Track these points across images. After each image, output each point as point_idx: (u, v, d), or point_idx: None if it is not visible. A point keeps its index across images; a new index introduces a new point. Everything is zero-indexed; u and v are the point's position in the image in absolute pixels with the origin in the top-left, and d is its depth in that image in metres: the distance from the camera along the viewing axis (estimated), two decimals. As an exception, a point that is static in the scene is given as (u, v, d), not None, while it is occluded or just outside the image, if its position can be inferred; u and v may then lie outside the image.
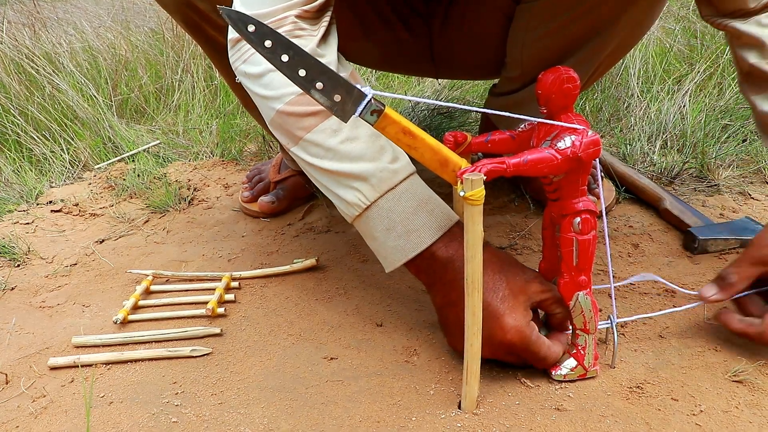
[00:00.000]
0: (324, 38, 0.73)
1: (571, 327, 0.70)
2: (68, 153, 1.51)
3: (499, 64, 1.08)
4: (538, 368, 0.71)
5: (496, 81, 1.17)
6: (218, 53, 1.00)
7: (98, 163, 1.49)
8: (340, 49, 1.10)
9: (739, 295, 0.74)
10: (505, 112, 1.11)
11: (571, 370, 0.69)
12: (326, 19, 0.73)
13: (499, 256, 0.71)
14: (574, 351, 0.69)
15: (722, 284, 0.73)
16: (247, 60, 0.73)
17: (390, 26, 1.05)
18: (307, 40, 0.71)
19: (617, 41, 0.94)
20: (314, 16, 0.72)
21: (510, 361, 0.70)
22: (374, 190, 0.69)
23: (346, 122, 0.61)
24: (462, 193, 0.56)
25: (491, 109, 1.18)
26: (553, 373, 0.70)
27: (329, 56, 0.72)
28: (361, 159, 0.68)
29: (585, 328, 0.68)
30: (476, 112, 1.38)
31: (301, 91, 0.65)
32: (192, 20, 0.91)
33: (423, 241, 0.69)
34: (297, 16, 0.70)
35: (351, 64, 0.66)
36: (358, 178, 0.69)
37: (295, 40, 0.64)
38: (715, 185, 1.18)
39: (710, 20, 0.80)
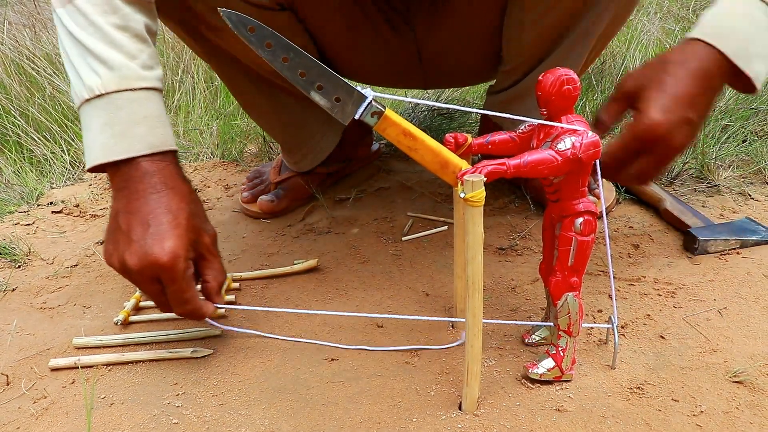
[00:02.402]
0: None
1: (554, 327, 0.70)
2: (69, 154, 1.51)
3: (493, 60, 1.07)
4: (177, 311, 0.71)
5: (490, 83, 1.16)
6: (215, 56, 1.00)
7: (99, 164, 1.49)
8: (334, 59, 1.07)
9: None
10: (508, 107, 1.11)
11: (548, 370, 0.69)
12: None
13: (197, 201, 0.74)
14: (554, 352, 0.69)
15: (598, 124, 0.73)
16: None
17: (376, 28, 1.04)
18: None
19: (611, 12, 0.94)
20: None
21: (150, 292, 0.69)
22: (114, 83, 0.68)
23: (346, 124, 0.61)
24: (462, 195, 0.56)
25: (491, 110, 1.17)
26: (529, 371, 0.70)
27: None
28: (118, 49, 0.68)
29: (569, 330, 0.68)
30: (476, 113, 1.39)
31: None
32: (188, 23, 0.91)
33: (132, 149, 0.68)
34: None
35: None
36: (105, 64, 0.68)
37: None
38: (715, 186, 1.18)
39: None
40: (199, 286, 0.74)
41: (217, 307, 0.75)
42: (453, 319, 0.82)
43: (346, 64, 1.08)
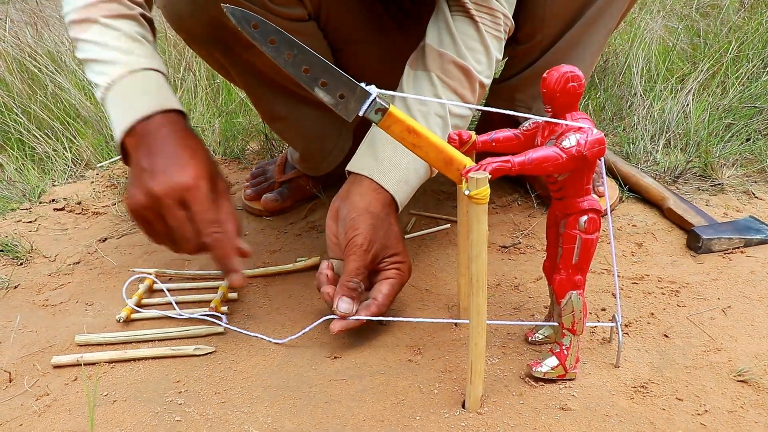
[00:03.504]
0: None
1: (558, 325, 0.69)
2: (71, 151, 1.51)
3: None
4: (205, 235, 0.72)
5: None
6: (246, 74, 0.98)
7: (100, 162, 1.49)
8: (346, 64, 1.08)
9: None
10: (515, 94, 1.11)
11: (552, 368, 0.69)
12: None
13: (207, 149, 0.78)
14: (558, 350, 0.69)
15: (355, 294, 0.76)
16: None
17: (387, 30, 1.04)
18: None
19: None
20: None
21: (175, 220, 0.72)
22: (117, 73, 0.78)
23: (350, 121, 0.61)
24: (467, 192, 0.56)
25: (500, 98, 1.16)
26: (533, 369, 0.70)
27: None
28: (116, 50, 0.79)
29: (572, 328, 0.68)
30: (479, 110, 1.38)
31: (82, 4, 0.81)
32: (222, 42, 0.90)
33: (140, 112, 0.75)
34: None
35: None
36: (109, 63, 0.78)
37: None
38: (719, 184, 1.18)
39: None
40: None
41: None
42: (457, 320, 0.82)
43: (356, 68, 1.08)
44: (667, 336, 0.77)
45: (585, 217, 0.63)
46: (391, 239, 0.79)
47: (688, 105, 1.43)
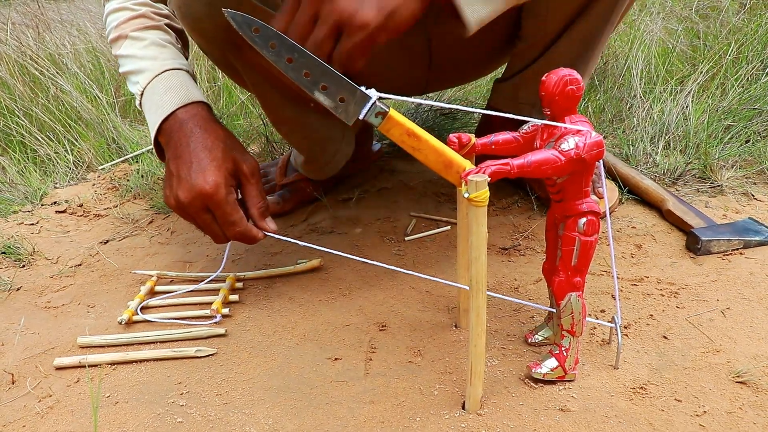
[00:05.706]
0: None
1: (557, 327, 0.70)
2: (72, 154, 1.51)
3: (503, 48, 1.07)
4: (228, 234, 0.82)
5: (495, 76, 1.17)
6: (253, 75, 0.97)
7: (102, 164, 1.49)
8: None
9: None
10: (516, 92, 1.11)
11: (551, 370, 0.70)
12: None
13: (231, 137, 0.85)
14: (557, 351, 0.70)
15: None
16: (105, 5, 0.97)
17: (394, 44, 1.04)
18: None
19: None
20: None
21: (203, 222, 0.81)
22: (146, 79, 0.87)
23: (350, 124, 0.61)
24: (466, 195, 0.57)
25: (502, 96, 1.17)
26: (532, 370, 0.70)
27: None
28: (144, 58, 0.88)
29: (572, 330, 0.68)
30: (479, 113, 1.39)
31: (116, 23, 0.92)
32: (235, 45, 0.88)
33: (164, 110, 0.83)
34: None
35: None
36: (140, 72, 0.88)
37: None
38: (718, 186, 1.18)
39: None
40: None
41: (266, 234, 0.84)
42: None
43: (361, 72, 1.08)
44: (666, 337, 0.78)
45: (584, 220, 0.64)
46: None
47: (687, 107, 1.44)
